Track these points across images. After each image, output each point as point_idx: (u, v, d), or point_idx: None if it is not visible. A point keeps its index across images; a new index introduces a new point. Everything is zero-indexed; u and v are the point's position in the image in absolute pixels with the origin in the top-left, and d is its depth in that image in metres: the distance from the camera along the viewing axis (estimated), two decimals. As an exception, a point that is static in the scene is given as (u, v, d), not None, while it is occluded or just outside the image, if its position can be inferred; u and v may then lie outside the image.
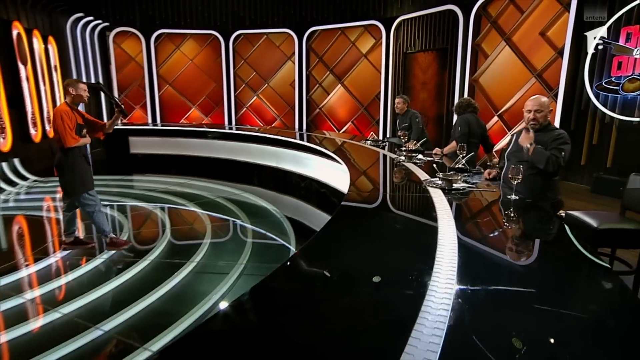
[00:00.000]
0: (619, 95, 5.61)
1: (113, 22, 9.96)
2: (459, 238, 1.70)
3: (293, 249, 3.98)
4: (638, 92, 5.40)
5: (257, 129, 8.53)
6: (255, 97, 10.77)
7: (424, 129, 5.08)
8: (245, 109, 10.91)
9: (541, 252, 1.78)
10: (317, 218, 4.98)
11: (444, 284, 1.29)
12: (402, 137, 4.40)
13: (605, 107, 5.75)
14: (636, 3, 5.38)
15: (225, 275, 3.34)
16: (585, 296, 1.39)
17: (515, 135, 2.86)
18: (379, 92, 9.27)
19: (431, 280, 1.32)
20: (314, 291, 1.35)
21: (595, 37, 5.57)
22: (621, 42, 5.56)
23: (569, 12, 5.99)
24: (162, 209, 5.21)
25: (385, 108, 9.19)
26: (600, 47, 5.64)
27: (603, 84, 5.77)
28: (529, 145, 2.55)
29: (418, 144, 4.15)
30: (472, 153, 3.42)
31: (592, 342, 1.08)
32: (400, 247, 1.77)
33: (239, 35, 10.39)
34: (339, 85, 9.87)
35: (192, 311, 2.81)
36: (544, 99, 2.71)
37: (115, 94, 10.54)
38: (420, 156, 3.77)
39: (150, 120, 10.70)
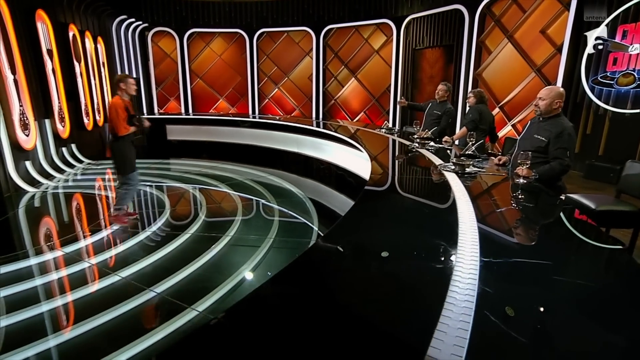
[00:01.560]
0: (613, 89, 5.42)
1: (151, 23, 9.93)
2: (476, 216, 1.69)
3: (315, 227, 3.99)
4: (631, 86, 5.21)
5: (278, 117, 8.50)
6: (277, 89, 10.71)
7: (449, 125, 4.69)
8: (267, 100, 10.86)
9: (550, 230, 1.77)
10: (336, 199, 4.99)
11: (469, 256, 1.29)
12: (415, 126, 4.31)
13: (600, 99, 5.57)
14: (633, 2, 5.14)
15: (257, 248, 3.38)
16: (594, 267, 1.38)
17: (529, 122, 2.78)
18: (389, 85, 9.13)
19: (457, 252, 1.33)
20: (356, 261, 1.37)
21: (595, 38, 5.32)
22: (617, 39, 5.34)
23: (568, 11, 5.76)
24: (198, 189, 5.26)
25: (395, 99, 9.06)
26: (600, 47, 5.42)
27: (598, 78, 5.58)
28: (531, 177, 2.39)
29: (429, 132, 4.08)
30: (481, 141, 3.36)
31: (608, 307, 1.08)
32: (425, 224, 1.76)
33: (262, 33, 10.27)
34: (353, 78, 9.73)
35: (231, 278, 2.87)
36: (554, 90, 2.57)
37: (153, 86, 10.59)
38: (432, 143, 3.73)
39: (183, 110, 10.74)
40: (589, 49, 5.24)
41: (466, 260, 1.27)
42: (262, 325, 0.98)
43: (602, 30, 5.07)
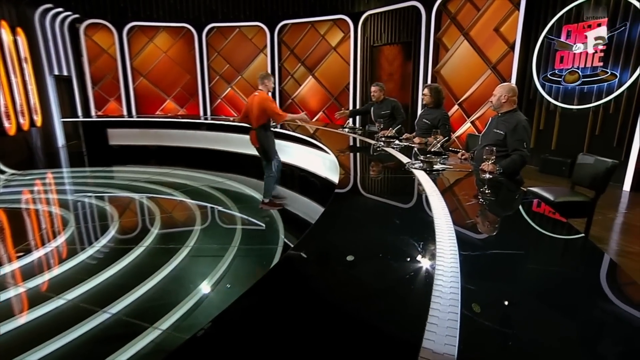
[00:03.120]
0: (561, 86, 5.97)
1: (83, 14, 9.38)
2: (450, 211, 1.82)
3: (281, 234, 3.99)
4: (576, 83, 5.78)
5: (232, 119, 8.39)
6: (230, 88, 10.56)
7: (404, 116, 4.91)
8: (219, 100, 10.68)
9: (518, 221, 1.94)
10: (301, 203, 5.03)
11: (448, 251, 1.39)
12: (379, 125, 4.47)
13: (550, 96, 6.11)
14: (575, 4, 5.71)
15: (221, 258, 3.33)
16: (561, 254, 1.54)
17: (490, 119, 3.04)
18: (348, 83, 9.35)
19: (437, 247, 1.42)
20: (339, 263, 1.41)
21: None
22: (562, 39, 5.91)
23: (519, 10, 6.27)
24: (149, 198, 5.06)
25: (354, 98, 9.29)
26: (551, 42, 5.91)
27: (548, 75, 6.12)
28: (496, 172, 2.59)
29: (394, 130, 4.25)
30: (447, 138, 3.58)
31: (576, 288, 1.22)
32: (401, 222, 1.85)
33: (212, 28, 10.09)
34: (310, 76, 9.85)
35: (195, 291, 2.80)
36: (503, 86, 2.91)
37: (89, 86, 10.00)
38: (397, 142, 3.88)
39: (125, 112, 10.25)
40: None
41: (446, 255, 1.36)
42: (254, 332, 1.00)
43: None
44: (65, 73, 9.30)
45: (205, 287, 2.88)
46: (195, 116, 9.90)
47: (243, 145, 6.93)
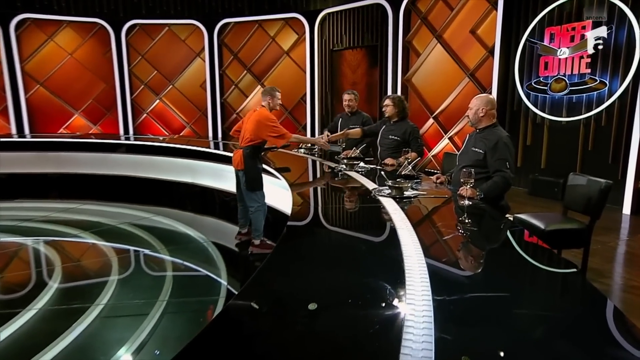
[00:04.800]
0: (547, 96, 6.42)
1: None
2: (422, 247, 1.87)
3: (224, 281, 3.93)
4: (564, 93, 6.24)
5: (162, 138, 8.27)
6: (158, 100, 10.46)
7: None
8: (145, 114, 10.53)
9: (503, 256, 2.03)
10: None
11: (420, 296, 1.43)
12: (341, 144, 4.57)
13: (536, 107, 6.54)
14: (557, 4, 6.25)
15: (145, 317, 3.21)
16: (552, 294, 1.63)
17: (468, 136, 3.20)
18: (305, 94, 9.55)
19: (407, 292, 1.45)
20: (289, 317, 1.41)
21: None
22: (546, 42, 6.41)
23: (496, 10, 6.76)
24: (47, 243, 4.85)
25: (312, 111, 9.48)
26: (534, 47, 6.31)
27: (532, 83, 6.58)
28: (476, 197, 2.74)
29: (358, 150, 4.36)
30: (419, 158, 3.72)
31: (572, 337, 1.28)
32: (366, 262, 1.88)
33: (134, 25, 10.05)
34: (259, 86, 9.97)
35: (110, 363, 2.67)
36: (480, 97, 3.09)
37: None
38: (361, 164, 3.98)
39: (14, 130, 9.77)
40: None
41: (417, 301, 1.40)
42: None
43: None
44: None
45: (123, 357, 2.77)
46: (114, 135, 9.66)
47: (175, 170, 6.84)
